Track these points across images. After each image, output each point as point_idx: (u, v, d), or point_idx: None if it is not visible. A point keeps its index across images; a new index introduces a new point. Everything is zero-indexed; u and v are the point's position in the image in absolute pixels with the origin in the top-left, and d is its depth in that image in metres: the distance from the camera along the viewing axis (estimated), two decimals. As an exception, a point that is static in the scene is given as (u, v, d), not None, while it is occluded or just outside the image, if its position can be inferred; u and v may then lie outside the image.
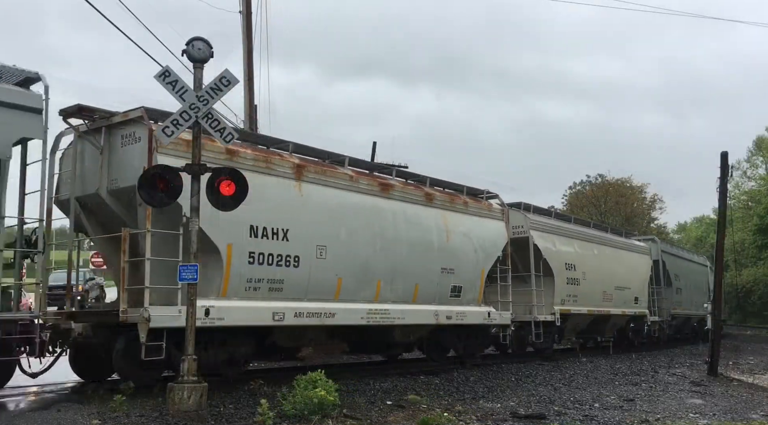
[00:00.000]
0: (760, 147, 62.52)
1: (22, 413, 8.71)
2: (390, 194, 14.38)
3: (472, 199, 17.22)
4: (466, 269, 16.15)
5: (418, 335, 15.89)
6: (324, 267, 12.57)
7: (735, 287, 57.60)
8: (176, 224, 10.35)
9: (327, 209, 12.77)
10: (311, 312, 12.30)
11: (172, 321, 10.12)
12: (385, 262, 13.95)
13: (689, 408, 12.33)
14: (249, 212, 10.84)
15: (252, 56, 19.31)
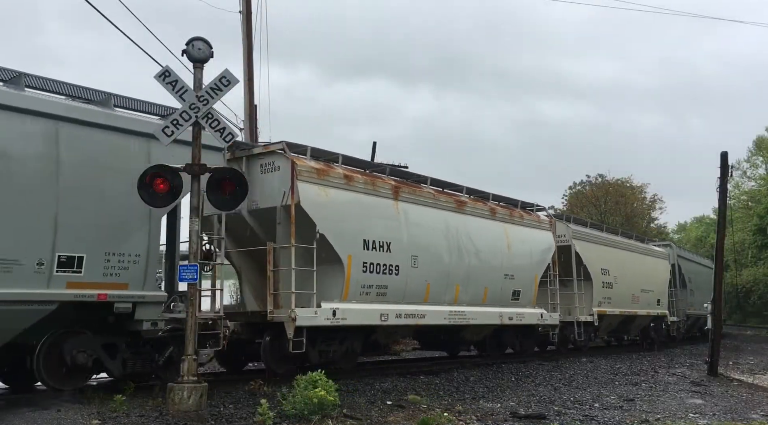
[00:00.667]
0: (760, 147, 62.51)
1: (22, 413, 8.71)
2: (463, 209, 16.69)
3: (525, 212, 19.54)
4: (523, 275, 18.31)
5: (483, 334, 18.07)
6: (417, 274, 14.72)
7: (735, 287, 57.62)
8: (311, 239, 12.45)
9: (417, 224, 14.98)
10: (408, 314, 14.44)
11: (310, 321, 12.24)
12: (461, 269, 16.09)
13: (689, 408, 12.34)
14: (363, 228, 13.50)
15: (252, 56, 19.30)
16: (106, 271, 9.88)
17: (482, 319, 16.77)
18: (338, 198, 13.18)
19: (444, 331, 16.55)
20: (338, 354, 13.58)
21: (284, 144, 12.68)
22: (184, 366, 9.16)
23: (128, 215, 10.09)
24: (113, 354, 10.39)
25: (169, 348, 10.77)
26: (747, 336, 44.45)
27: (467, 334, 17.43)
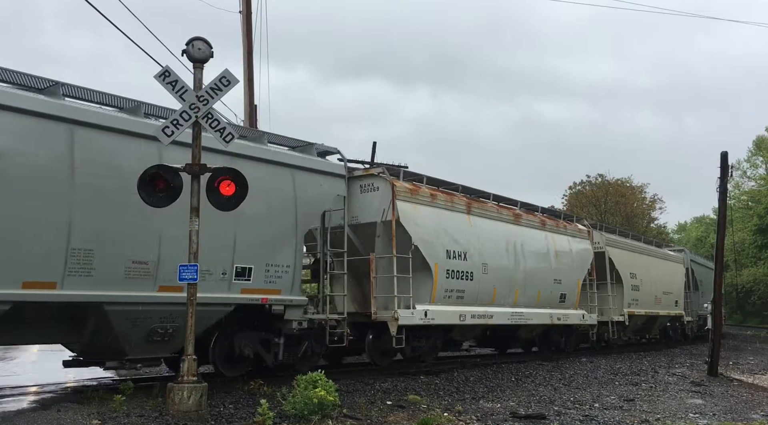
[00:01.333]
0: (760, 147, 62.55)
1: (22, 413, 8.71)
2: (519, 221, 18.90)
3: (567, 222, 21.92)
4: (568, 280, 20.49)
5: (535, 332, 20.27)
6: (486, 280, 16.92)
7: (735, 287, 57.64)
8: (406, 250, 14.60)
9: (486, 235, 17.21)
10: (480, 315, 16.66)
11: (408, 320, 14.45)
12: (520, 274, 18.25)
13: (689, 408, 12.34)
14: (445, 239, 15.75)
15: (252, 57, 19.30)
16: (267, 279, 12.03)
17: (536, 319, 19.01)
18: (426, 214, 15.42)
19: (505, 330, 18.83)
20: (425, 349, 15.96)
21: (384, 168, 15.32)
22: (184, 366, 9.16)
23: (281, 232, 12.30)
24: (268, 348, 12.56)
25: (304, 343, 13.04)
26: (747, 336, 44.44)
27: (522, 333, 19.73)
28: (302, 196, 12.61)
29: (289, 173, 12.48)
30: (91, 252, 9.58)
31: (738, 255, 58.11)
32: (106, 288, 9.73)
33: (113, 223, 9.81)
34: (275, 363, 12.64)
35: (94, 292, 9.63)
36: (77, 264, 9.46)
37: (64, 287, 9.32)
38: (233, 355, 12.16)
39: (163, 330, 10.56)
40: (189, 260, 9.37)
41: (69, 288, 9.35)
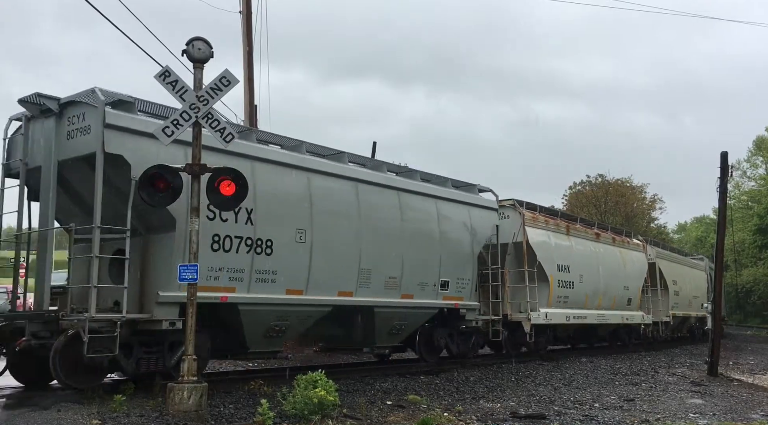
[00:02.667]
0: (760, 147, 62.55)
1: (22, 413, 8.71)
2: (598, 239, 23.43)
3: (627, 238, 26.47)
4: (633, 287, 25.04)
5: (608, 331, 24.44)
6: (581, 288, 21.33)
7: (735, 287, 57.64)
8: (531, 265, 18.83)
9: (579, 251, 21.69)
10: (578, 316, 21.05)
11: (536, 320, 18.65)
12: (602, 283, 22.67)
13: (689, 408, 12.33)
14: (555, 255, 20.13)
15: (252, 57, 19.33)
16: (457, 289, 16.15)
17: (612, 319, 23.55)
18: (543, 236, 19.85)
19: (590, 328, 23.03)
20: (542, 344, 19.81)
21: (514, 201, 19.42)
22: (184, 366, 9.16)
23: (464, 254, 16.52)
24: (453, 341, 16.92)
25: (472, 337, 17.47)
26: (747, 335, 44.45)
27: (600, 330, 23.88)
28: (474, 226, 16.94)
29: (466, 209, 16.85)
30: (369, 271, 13.78)
31: (738, 255, 58.11)
32: (376, 296, 13.94)
33: (379, 249, 13.98)
34: (456, 352, 17.11)
35: (371, 298, 13.84)
36: (363, 279, 13.66)
37: (356, 295, 13.52)
38: (432, 345, 16.50)
39: (399, 325, 14.92)
40: (189, 260, 9.38)
41: (359, 296, 13.57)
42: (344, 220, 13.26)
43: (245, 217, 11.44)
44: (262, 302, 11.76)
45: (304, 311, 12.60)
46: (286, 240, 12.12)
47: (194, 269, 9.27)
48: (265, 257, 11.75)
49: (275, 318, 12.10)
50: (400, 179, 15.10)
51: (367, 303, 13.81)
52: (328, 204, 12.97)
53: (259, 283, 11.68)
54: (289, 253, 12.12)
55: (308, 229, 12.46)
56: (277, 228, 12.00)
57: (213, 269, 11.05)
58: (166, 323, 10.49)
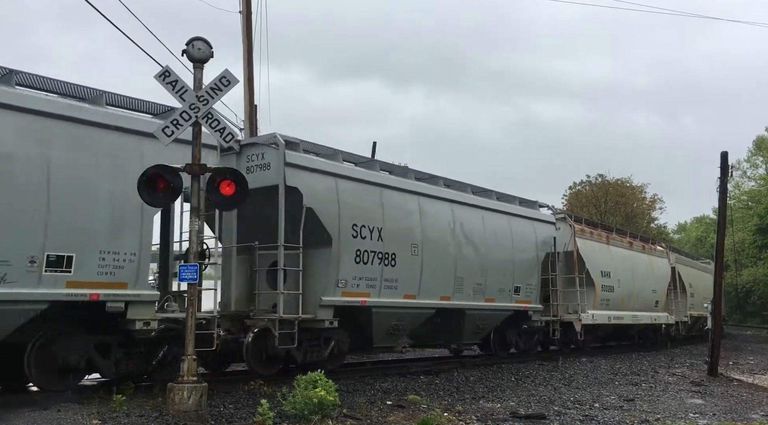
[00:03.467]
0: (760, 147, 62.48)
1: (22, 413, 8.71)
2: (632, 247, 25.92)
3: (653, 245, 29.29)
4: (660, 289, 27.51)
5: (639, 329, 26.64)
6: (620, 291, 23.63)
7: (735, 287, 57.59)
8: (581, 271, 21.24)
9: (617, 258, 24.07)
10: (617, 317, 23.54)
11: (586, 320, 21.14)
12: (636, 286, 25.10)
13: (689, 408, 12.33)
14: (600, 262, 22.61)
15: (252, 57, 19.31)
16: (526, 294, 18.65)
17: (644, 320, 26.02)
18: (589, 245, 22.28)
19: (625, 327, 25.33)
20: (588, 342, 22.51)
21: (565, 214, 22.29)
22: (184, 366, 9.16)
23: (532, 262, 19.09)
24: (521, 339, 19.78)
25: (536, 335, 20.19)
26: (747, 335, 44.43)
27: (632, 330, 26.34)
28: (538, 238, 19.40)
29: (531, 224, 19.34)
30: (462, 279, 16.14)
31: (738, 255, 58.06)
32: (467, 300, 16.36)
33: (469, 260, 16.47)
34: (523, 348, 19.63)
35: (463, 302, 16.25)
36: (458, 286, 16.03)
37: (453, 299, 15.90)
38: (504, 342, 19.20)
39: (482, 325, 17.36)
40: (189, 260, 9.38)
41: (455, 300, 15.99)
42: (444, 236, 15.89)
43: (377, 235, 13.93)
44: (388, 305, 14.22)
45: (417, 312, 15.07)
46: (405, 254, 14.61)
47: (194, 270, 9.26)
48: (391, 267, 14.21)
49: (396, 319, 14.50)
50: (482, 199, 17.66)
51: (461, 306, 16.32)
52: (433, 223, 15.58)
53: (386, 289, 14.12)
54: (406, 264, 14.60)
55: (419, 244, 15.00)
56: (399, 244, 14.46)
57: (356, 278, 13.46)
58: (327, 322, 12.88)
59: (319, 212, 12.73)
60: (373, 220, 13.84)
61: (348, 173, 13.65)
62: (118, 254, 10.07)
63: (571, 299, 20.94)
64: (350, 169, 13.87)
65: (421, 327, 15.58)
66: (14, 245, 9.05)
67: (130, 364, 10.77)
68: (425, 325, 15.67)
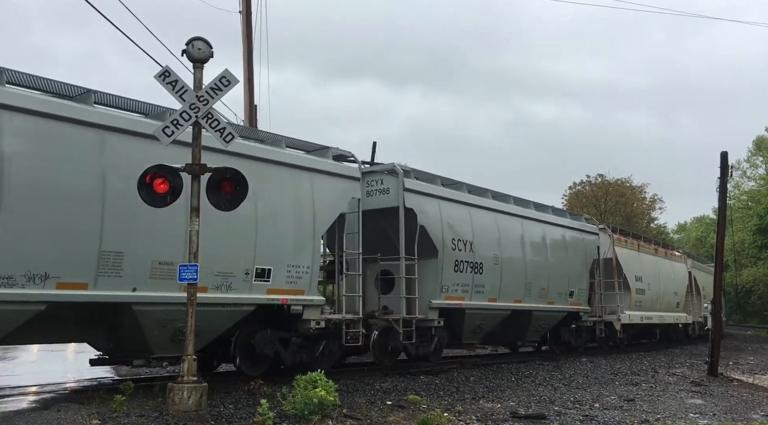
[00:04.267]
0: (760, 147, 62.49)
1: (22, 413, 8.71)
2: (657, 253, 28.82)
3: (673, 251, 32.43)
4: (680, 292, 30.34)
5: (662, 328, 29.29)
6: (649, 294, 26.53)
7: (735, 287, 57.60)
8: (619, 275, 23.93)
9: (646, 263, 26.81)
10: (647, 317, 26.35)
11: (624, 320, 23.72)
12: (662, 289, 27.83)
13: (689, 408, 12.33)
14: (635, 268, 25.22)
15: (252, 57, 19.30)
16: (578, 297, 21.34)
17: (668, 320, 28.89)
18: (625, 252, 24.86)
19: (652, 327, 28.05)
20: (624, 340, 24.73)
21: (605, 225, 25.20)
22: (184, 366, 9.16)
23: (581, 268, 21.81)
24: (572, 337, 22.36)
25: (583, 333, 22.56)
26: (747, 335, 44.44)
27: (657, 329, 28.88)
28: (585, 247, 22.40)
29: (581, 235, 22.25)
30: (531, 284, 18.90)
31: (738, 255, 58.07)
32: (535, 302, 19.19)
33: (536, 267, 19.19)
34: (575, 345, 22.16)
35: (532, 304, 19.01)
36: (527, 291, 18.70)
37: (523, 302, 18.64)
38: (560, 339, 21.83)
39: (544, 324, 20.10)
40: (189, 260, 9.37)
41: (525, 302, 18.69)
42: (516, 247, 18.57)
43: (469, 247, 16.65)
44: (477, 307, 16.93)
45: (497, 313, 17.78)
46: (489, 263, 17.31)
47: (194, 270, 9.25)
48: (479, 275, 16.91)
49: (481, 319, 17.22)
50: (543, 214, 20.50)
51: (530, 308, 18.89)
52: (508, 235, 18.31)
53: (476, 293, 16.82)
54: (490, 272, 17.31)
55: (499, 255, 17.69)
56: (485, 254, 17.16)
57: (455, 284, 16.16)
58: (435, 321, 15.71)
59: (429, 229, 15.52)
60: (465, 234, 16.66)
61: (447, 195, 16.56)
62: (299, 267, 12.62)
63: (609, 301, 23.51)
64: (449, 192, 16.76)
65: (497, 326, 18.16)
66: (236, 261, 11.50)
67: (302, 355, 13.13)
68: (500, 325, 18.22)
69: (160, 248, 10.36)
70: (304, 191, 12.83)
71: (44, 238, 9.10)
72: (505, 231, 18.19)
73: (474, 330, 17.13)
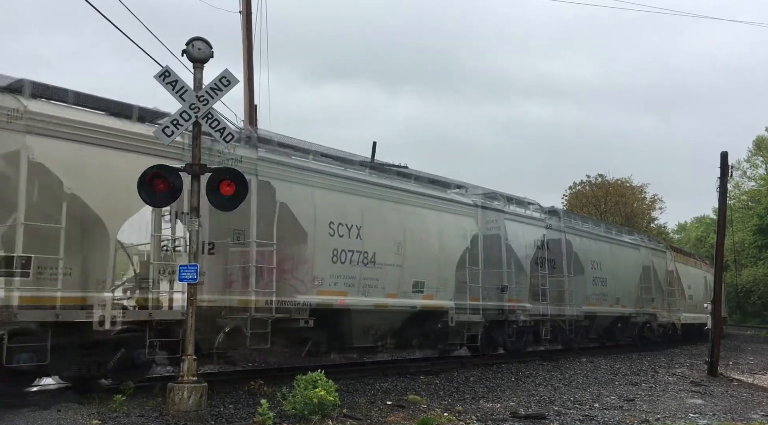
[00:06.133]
0: (760, 147, 62.45)
1: (22, 413, 8.71)
2: (695, 265, 35.10)
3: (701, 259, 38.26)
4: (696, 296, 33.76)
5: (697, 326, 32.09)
6: (689, 298, 31.05)
7: (735, 287, 57.59)
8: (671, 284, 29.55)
9: (689, 274, 32.44)
10: (691, 318, 30.46)
11: (684, 320, 29.99)
12: (698, 295, 32.94)
13: (689, 408, 12.33)
14: (684, 277, 30.84)
15: (252, 56, 19.28)
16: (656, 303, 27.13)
17: (701, 320, 28.40)
18: (680, 266, 30.22)
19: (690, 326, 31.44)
20: (680, 338, 30.05)
21: (666, 244, 31.60)
22: (184, 366, 9.16)
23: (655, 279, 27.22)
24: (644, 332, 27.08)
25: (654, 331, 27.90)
26: (747, 335, 44.44)
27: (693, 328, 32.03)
28: (655, 266, 27.50)
29: (637, 251, 26.77)
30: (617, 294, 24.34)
31: (738, 255, 58.06)
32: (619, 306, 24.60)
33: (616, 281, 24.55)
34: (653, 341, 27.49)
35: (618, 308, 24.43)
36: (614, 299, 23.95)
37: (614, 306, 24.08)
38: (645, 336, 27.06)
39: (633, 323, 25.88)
40: (189, 260, 9.37)
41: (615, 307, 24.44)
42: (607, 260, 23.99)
43: (599, 266, 23.29)
44: (601, 313, 23.27)
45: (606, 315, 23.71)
46: (609, 278, 23.76)
47: (194, 270, 9.25)
48: (603, 286, 23.05)
49: (605, 321, 24.25)
50: (633, 237, 27.21)
51: (619, 313, 24.75)
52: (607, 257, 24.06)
53: (600, 300, 23.41)
54: (609, 283, 23.45)
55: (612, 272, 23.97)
56: (606, 271, 23.72)
57: (594, 295, 22.46)
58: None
59: (578, 251, 22.07)
60: (598, 256, 23.28)
61: (579, 226, 23.38)
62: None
63: (674, 305, 28.92)
64: (586, 227, 23.82)
65: (606, 326, 24.21)
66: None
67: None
68: (608, 326, 24.33)
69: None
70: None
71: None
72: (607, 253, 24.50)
73: (597, 331, 24.36)
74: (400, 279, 14.30)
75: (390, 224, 14.30)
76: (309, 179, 12.86)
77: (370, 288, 13.61)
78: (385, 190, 14.51)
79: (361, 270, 13.40)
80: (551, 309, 19.81)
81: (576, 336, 21.98)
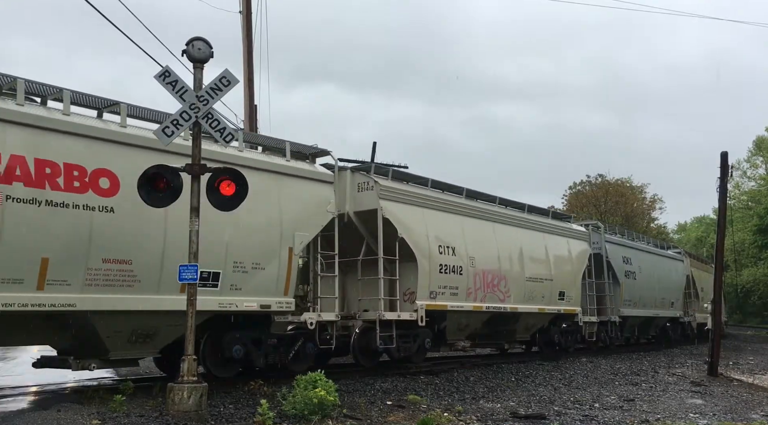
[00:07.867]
0: (760, 147, 62.50)
1: (22, 413, 8.71)
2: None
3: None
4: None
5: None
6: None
7: (735, 287, 57.65)
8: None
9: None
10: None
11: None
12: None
13: (689, 408, 12.33)
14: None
15: (252, 57, 19.30)
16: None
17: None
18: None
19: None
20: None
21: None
22: (183, 366, 9.16)
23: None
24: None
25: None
26: (747, 335, 44.45)
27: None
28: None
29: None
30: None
31: (738, 255, 58.13)
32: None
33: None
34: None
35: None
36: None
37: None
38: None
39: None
40: (189, 260, 9.37)
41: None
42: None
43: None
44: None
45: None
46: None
47: (194, 270, 9.25)
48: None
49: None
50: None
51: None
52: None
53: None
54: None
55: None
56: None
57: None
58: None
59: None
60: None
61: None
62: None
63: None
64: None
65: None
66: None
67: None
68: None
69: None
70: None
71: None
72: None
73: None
74: (551, 290, 19.90)
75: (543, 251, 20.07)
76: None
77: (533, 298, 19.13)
78: (546, 226, 20.62)
79: (533, 285, 19.19)
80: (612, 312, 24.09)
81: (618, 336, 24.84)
